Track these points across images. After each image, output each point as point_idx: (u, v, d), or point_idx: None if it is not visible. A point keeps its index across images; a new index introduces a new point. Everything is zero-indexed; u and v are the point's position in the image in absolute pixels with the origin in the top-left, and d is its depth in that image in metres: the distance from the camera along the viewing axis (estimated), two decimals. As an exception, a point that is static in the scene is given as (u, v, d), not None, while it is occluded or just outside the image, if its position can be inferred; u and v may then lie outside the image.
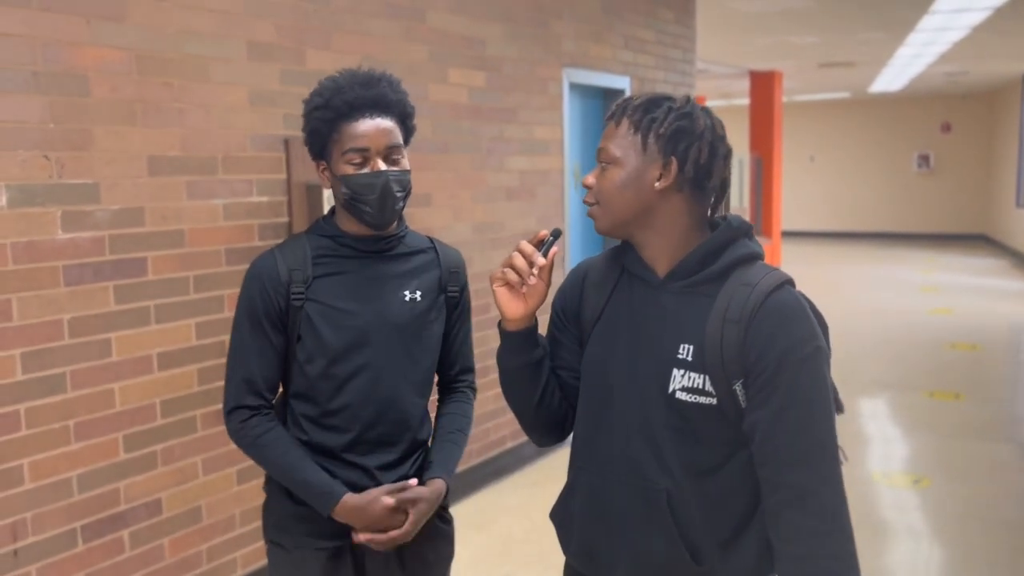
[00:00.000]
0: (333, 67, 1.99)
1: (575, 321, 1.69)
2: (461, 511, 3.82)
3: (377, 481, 1.90)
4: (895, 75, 13.13)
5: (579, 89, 5.53)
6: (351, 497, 1.85)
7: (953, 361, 7.55)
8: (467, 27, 4.42)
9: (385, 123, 1.86)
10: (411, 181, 1.92)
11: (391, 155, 1.87)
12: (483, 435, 4.66)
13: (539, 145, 5.05)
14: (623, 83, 5.82)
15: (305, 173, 3.41)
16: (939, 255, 15.03)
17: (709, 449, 1.52)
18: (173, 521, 3.09)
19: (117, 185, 2.86)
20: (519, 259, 1.57)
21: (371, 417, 1.90)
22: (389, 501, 1.84)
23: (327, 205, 3.31)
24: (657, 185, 1.51)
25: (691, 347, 1.50)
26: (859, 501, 4.48)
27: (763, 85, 12.22)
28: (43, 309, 2.69)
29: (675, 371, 1.50)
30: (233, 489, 3.30)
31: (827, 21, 8.30)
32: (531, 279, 1.57)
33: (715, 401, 1.48)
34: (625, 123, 1.54)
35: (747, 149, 12.18)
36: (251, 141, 3.30)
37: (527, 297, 1.60)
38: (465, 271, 2.07)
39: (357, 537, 1.87)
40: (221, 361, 1.94)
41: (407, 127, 1.94)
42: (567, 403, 1.70)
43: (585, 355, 1.66)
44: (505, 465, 4.89)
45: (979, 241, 16.98)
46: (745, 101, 14.43)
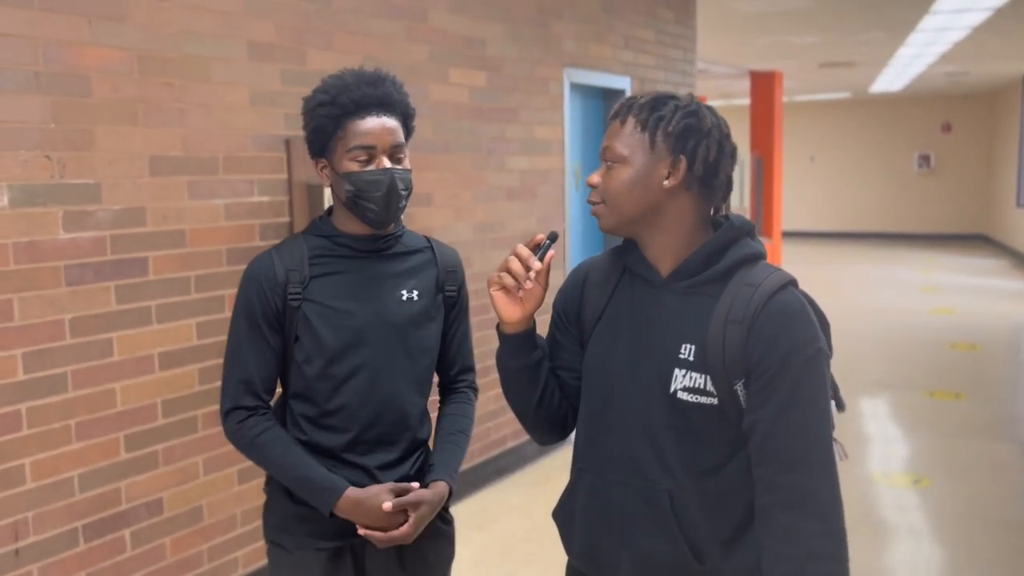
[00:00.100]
0: (334, 67, 1.99)
1: (576, 322, 1.69)
2: (462, 511, 3.82)
3: (377, 481, 1.90)
4: (895, 75, 13.12)
5: (580, 89, 5.53)
6: (354, 491, 1.84)
7: (953, 361, 7.55)
8: (468, 27, 4.42)
9: (390, 122, 1.87)
10: (412, 180, 1.93)
11: (395, 154, 1.88)
12: (484, 435, 4.66)
13: (540, 145, 5.05)
14: (623, 83, 5.83)
15: (306, 173, 3.41)
16: (939, 255, 15.02)
17: (710, 449, 1.52)
18: (174, 521, 3.09)
19: (118, 185, 2.86)
20: (515, 263, 1.57)
21: (370, 417, 1.90)
22: (387, 505, 1.83)
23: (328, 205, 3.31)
24: (666, 183, 1.51)
25: (693, 347, 1.50)
26: (859, 501, 4.49)
27: (763, 85, 12.22)
28: (44, 309, 2.69)
29: (676, 371, 1.50)
30: (234, 489, 3.30)
31: (827, 21, 8.29)
32: (527, 283, 1.57)
33: (716, 401, 1.48)
34: (631, 121, 1.53)
35: (747, 149, 12.18)
36: (252, 141, 3.30)
37: (524, 301, 1.60)
38: (462, 270, 2.07)
39: (360, 529, 1.86)
40: (222, 361, 1.93)
41: (408, 128, 1.94)
42: (567, 403, 1.70)
43: (586, 355, 1.65)
44: (506, 465, 4.89)
45: (979, 241, 16.98)
46: (745, 101, 14.44)
